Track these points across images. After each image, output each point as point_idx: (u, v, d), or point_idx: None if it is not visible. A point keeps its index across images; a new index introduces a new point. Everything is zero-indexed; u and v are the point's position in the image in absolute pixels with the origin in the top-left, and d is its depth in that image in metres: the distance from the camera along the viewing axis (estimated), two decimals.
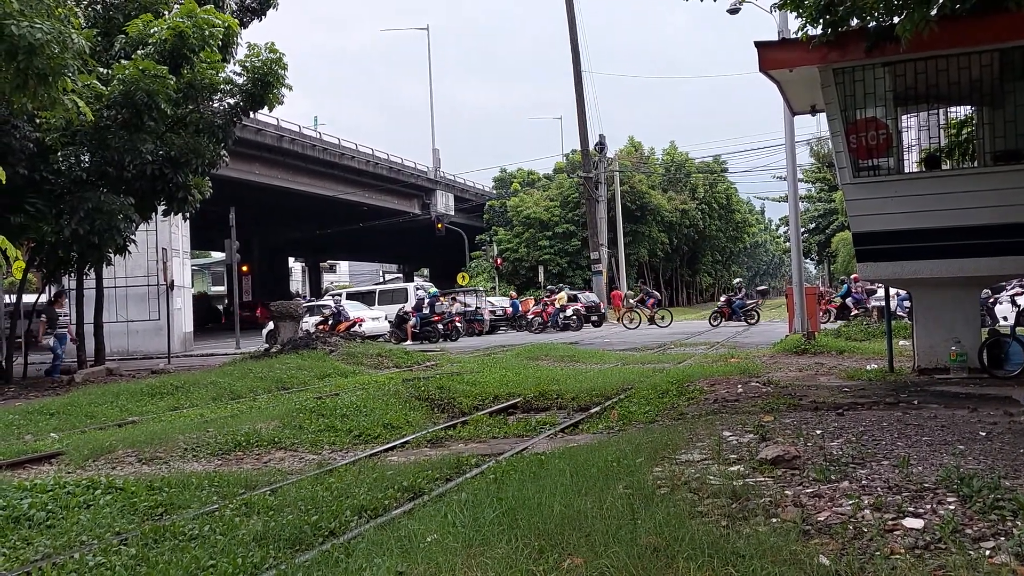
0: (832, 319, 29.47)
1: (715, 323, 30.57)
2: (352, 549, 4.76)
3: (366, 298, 36.62)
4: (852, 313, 29.05)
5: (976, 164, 11.35)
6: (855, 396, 9.30)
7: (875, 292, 33.00)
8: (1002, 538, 3.94)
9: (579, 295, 36.94)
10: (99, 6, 18.93)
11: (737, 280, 39.40)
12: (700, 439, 6.81)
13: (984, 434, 6.31)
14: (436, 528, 4.82)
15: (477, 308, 34.30)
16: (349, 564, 4.41)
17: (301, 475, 7.25)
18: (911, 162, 11.27)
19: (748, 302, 31.74)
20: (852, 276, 34.00)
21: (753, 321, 29.87)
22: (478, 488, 5.84)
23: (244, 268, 33.64)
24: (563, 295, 33.87)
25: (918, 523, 4.20)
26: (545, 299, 34.48)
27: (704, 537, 4.08)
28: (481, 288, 42.11)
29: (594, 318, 35.17)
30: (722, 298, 34.58)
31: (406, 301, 33.96)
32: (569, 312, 32.44)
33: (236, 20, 18.72)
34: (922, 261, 10.35)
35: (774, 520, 4.42)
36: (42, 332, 19.22)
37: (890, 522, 4.24)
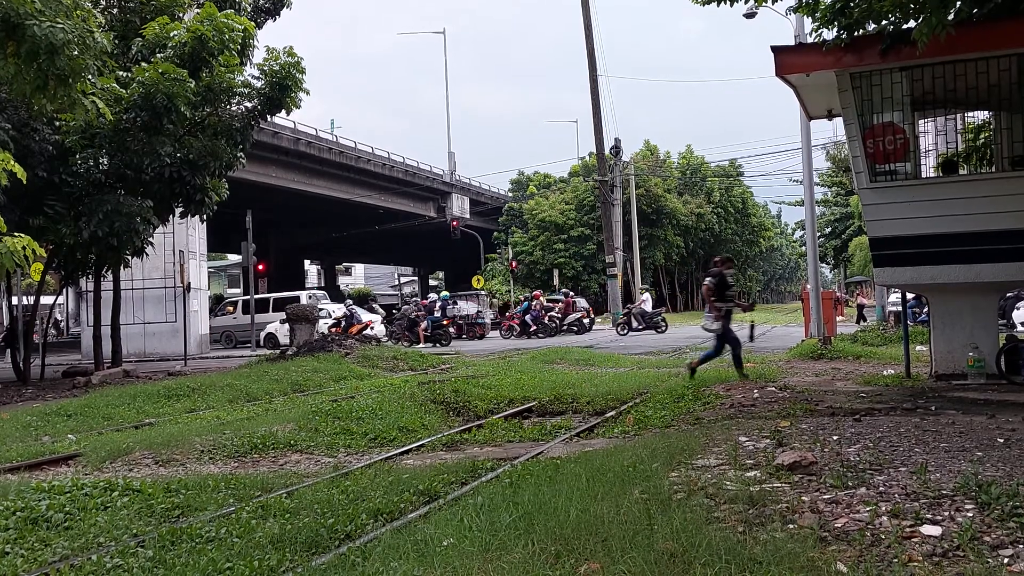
0: (514, 335, 31.03)
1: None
2: (368, 553, 4.77)
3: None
4: (531, 329, 30.98)
5: (994, 169, 11.29)
6: (872, 402, 9.25)
7: (580, 307, 33.69)
8: (1021, 546, 3.91)
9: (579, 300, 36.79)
10: (116, 9, 19.08)
11: (433, 297, 33.70)
12: (716, 444, 6.79)
13: (1002, 441, 6.26)
14: (452, 532, 4.83)
15: (478, 311, 34.40)
16: (365, 568, 4.42)
17: (317, 478, 7.26)
18: (928, 167, 11.21)
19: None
20: (534, 294, 34.93)
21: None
22: (494, 492, 5.84)
23: (260, 269, 33.72)
24: (542, 300, 33.27)
25: (936, 530, 4.18)
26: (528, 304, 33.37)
27: (721, 543, 4.07)
28: (483, 291, 41.88)
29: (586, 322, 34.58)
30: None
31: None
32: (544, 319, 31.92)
33: (252, 23, 18.82)
34: (940, 266, 10.27)
35: (791, 526, 4.40)
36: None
37: (908, 529, 4.22)
